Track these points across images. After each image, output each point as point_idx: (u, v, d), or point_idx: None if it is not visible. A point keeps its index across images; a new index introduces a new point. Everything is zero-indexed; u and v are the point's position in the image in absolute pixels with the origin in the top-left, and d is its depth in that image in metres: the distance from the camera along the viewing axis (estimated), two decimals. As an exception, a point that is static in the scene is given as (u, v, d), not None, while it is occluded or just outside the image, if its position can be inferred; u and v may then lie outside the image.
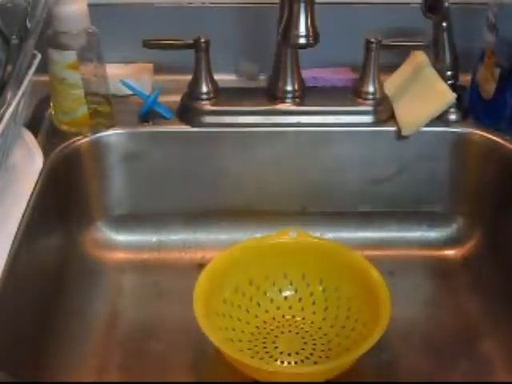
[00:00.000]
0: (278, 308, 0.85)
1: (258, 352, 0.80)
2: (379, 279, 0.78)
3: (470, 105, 0.93)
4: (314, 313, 0.84)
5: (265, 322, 0.83)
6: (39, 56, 0.81)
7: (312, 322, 0.83)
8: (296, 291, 0.85)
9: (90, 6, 0.85)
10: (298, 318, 0.84)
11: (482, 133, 0.91)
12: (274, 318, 0.84)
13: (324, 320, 0.83)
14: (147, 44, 0.89)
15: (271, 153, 0.92)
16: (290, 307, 0.85)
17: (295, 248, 0.85)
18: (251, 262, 0.84)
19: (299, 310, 0.84)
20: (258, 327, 0.82)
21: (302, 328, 0.83)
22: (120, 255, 0.95)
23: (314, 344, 0.80)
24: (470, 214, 0.95)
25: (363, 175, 0.94)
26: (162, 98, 0.92)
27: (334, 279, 0.83)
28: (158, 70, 0.99)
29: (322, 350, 0.80)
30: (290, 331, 0.82)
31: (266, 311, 0.84)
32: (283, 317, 0.84)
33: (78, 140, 0.90)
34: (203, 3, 0.97)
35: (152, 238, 0.96)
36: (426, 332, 0.85)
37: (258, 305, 0.84)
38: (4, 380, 0.62)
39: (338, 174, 0.94)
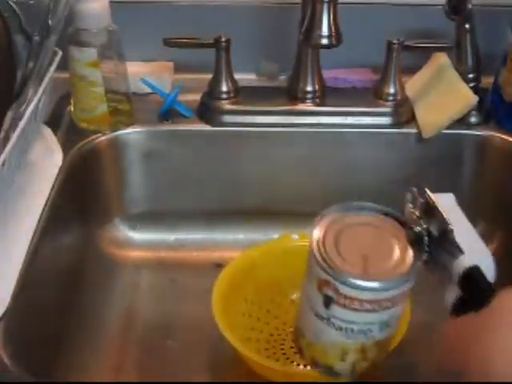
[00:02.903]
0: None
1: (275, 353, 0.79)
2: None
3: (491, 108, 0.93)
4: None
5: (284, 323, 0.83)
6: (60, 53, 0.81)
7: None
8: None
9: (111, 3, 0.85)
10: None
11: (502, 136, 0.91)
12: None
13: None
14: (168, 42, 0.89)
15: (290, 153, 0.92)
16: None
17: None
18: (274, 263, 0.83)
19: None
20: (277, 328, 0.82)
21: None
22: (137, 253, 0.95)
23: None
24: (490, 217, 0.94)
25: (383, 177, 0.93)
26: (182, 97, 0.92)
27: None
28: (179, 68, 0.99)
29: None
30: None
31: (287, 313, 0.84)
32: None
33: (97, 138, 0.90)
34: (224, 2, 0.97)
35: (169, 236, 0.96)
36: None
37: (279, 306, 0.84)
38: (20, 379, 0.63)
39: (358, 175, 0.93)
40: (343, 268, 0.47)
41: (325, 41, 0.80)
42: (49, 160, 0.84)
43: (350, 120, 0.91)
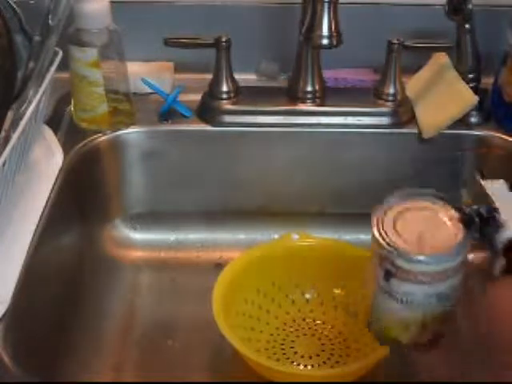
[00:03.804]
0: (299, 310, 0.84)
1: (275, 353, 0.79)
2: None
3: (491, 108, 0.93)
4: (335, 317, 0.83)
5: (285, 323, 0.83)
6: (61, 53, 0.81)
7: (332, 327, 0.83)
8: (318, 294, 0.85)
9: (112, 3, 0.85)
10: (319, 322, 0.83)
11: (502, 136, 0.91)
12: (294, 320, 0.83)
13: (344, 325, 0.82)
14: (168, 42, 0.89)
15: (291, 153, 0.92)
16: (312, 310, 0.84)
17: (318, 251, 0.84)
18: (274, 263, 0.83)
19: (320, 314, 0.84)
20: (277, 328, 0.82)
21: (322, 332, 0.82)
22: (137, 254, 0.95)
23: (333, 349, 0.80)
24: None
25: (383, 177, 0.93)
26: (182, 97, 0.92)
27: (357, 284, 0.83)
28: (179, 68, 0.99)
29: (340, 355, 0.79)
30: (309, 334, 0.82)
31: (287, 313, 0.84)
32: (304, 319, 0.84)
33: (98, 138, 0.90)
34: (225, 2, 0.97)
35: (170, 236, 0.96)
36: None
37: (279, 306, 0.84)
38: (20, 379, 0.63)
39: (358, 175, 0.93)
40: (400, 244, 0.54)
41: (325, 41, 0.80)
42: (49, 160, 0.84)
43: (350, 120, 0.91)
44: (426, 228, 0.55)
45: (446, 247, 0.53)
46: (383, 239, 0.56)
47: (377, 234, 0.56)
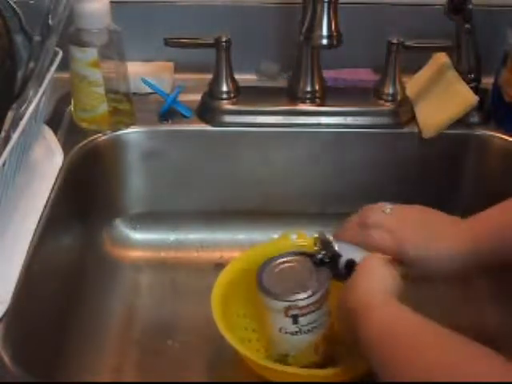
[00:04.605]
0: None
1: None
2: None
3: (491, 108, 0.93)
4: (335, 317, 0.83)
5: None
6: (61, 53, 0.81)
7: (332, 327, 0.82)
8: None
9: (112, 3, 0.85)
10: None
11: (502, 136, 0.91)
12: None
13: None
14: (168, 42, 0.90)
15: (290, 153, 0.92)
16: None
17: None
18: None
19: None
20: None
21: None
22: (137, 253, 0.95)
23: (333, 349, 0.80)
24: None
25: (383, 177, 0.93)
26: (182, 97, 0.92)
27: None
28: (179, 68, 0.99)
29: (341, 355, 0.79)
30: None
31: None
32: None
33: (98, 138, 0.90)
34: (225, 2, 0.97)
35: (170, 236, 0.96)
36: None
37: None
38: (20, 379, 0.63)
39: (358, 175, 0.93)
40: (295, 292, 0.72)
41: (325, 41, 0.80)
42: (49, 160, 0.84)
43: (350, 120, 0.91)
44: (296, 275, 0.74)
45: (315, 283, 0.72)
46: (283, 295, 0.72)
47: (275, 295, 0.72)
